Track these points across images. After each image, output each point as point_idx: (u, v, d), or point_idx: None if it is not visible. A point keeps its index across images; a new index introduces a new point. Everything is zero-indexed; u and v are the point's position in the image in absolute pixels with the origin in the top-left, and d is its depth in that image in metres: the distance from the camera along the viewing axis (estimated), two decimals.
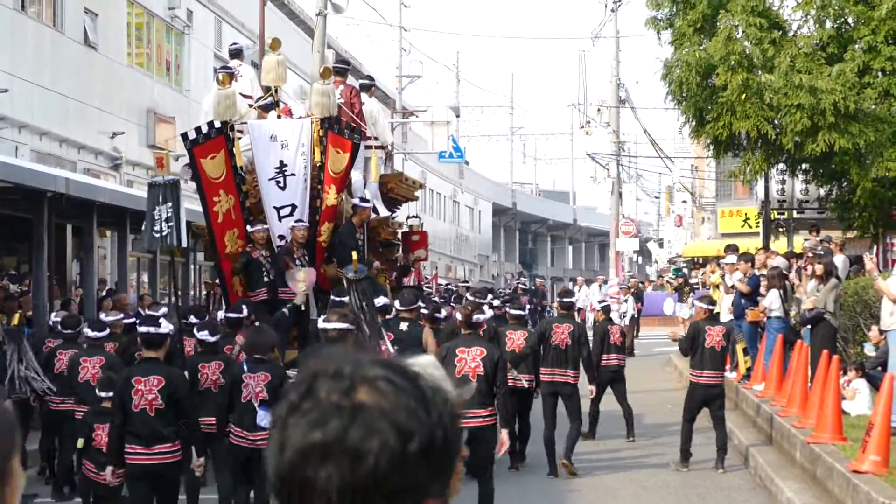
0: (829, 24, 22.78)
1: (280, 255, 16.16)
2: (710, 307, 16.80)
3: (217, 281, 17.44)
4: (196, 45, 37.00)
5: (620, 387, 19.13)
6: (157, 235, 13.70)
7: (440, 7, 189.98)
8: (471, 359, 12.29)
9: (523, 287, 39.87)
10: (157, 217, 13.65)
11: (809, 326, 18.46)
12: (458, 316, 13.93)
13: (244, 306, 14.88)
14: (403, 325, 14.61)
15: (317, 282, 16.02)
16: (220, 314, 16.28)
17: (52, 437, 15.60)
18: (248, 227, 16.31)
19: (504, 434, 12.30)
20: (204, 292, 31.90)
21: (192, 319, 15.09)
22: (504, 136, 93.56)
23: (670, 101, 24.09)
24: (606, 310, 20.43)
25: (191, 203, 18.39)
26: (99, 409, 11.93)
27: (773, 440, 16.54)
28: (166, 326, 11.00)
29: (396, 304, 15.12)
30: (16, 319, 15.39)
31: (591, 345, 17.03)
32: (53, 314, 17.60)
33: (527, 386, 16.26)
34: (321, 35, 35.34)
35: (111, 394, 11.39)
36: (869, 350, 17.97)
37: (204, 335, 13.26)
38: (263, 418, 11.57)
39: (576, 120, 68.55)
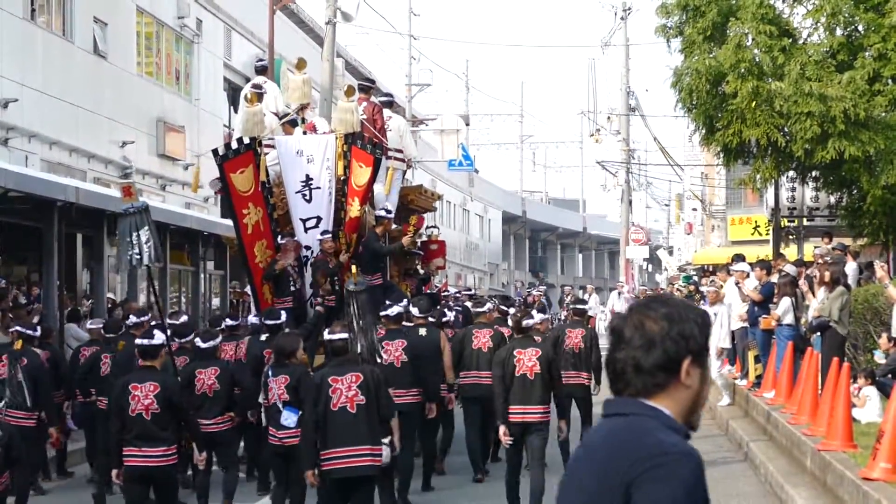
0: (839, 32, 22.74)
1: (316, 267, 17.02)
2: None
3: (246, 289, 18.59)
4: (205, 54, 37.02)
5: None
6: (139, 257, 14.09)
7: (449, 16, 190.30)
8: (528, 359, 12.98)
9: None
10: (134, 242, 14.03)
11: (820, 334, 18.41)
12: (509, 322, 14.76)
13: (283, 313, 15.40)
14: (422, 331, 15.54)
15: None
16: (251, 318, 17.38)
17: (94, 436, 16.05)
18: (279, 239, 17.11)
19: (563, 423, 13.76)
20: (216, 300, 32.02)
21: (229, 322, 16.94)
22: (514, 144, 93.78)
23: (680, 109, 24.07)
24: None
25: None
26: None
27: (783, 448, 16.50)
28: (159, 338, 11.64)
29: (414, 311, 15.87)
30: (18, 345, 15.36)
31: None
32: (90, 322, 18.45)
33: None
34: (331, 44, 35.42)
35: None
36: (879, 357, 17.92)
37: (198, 342, 14.05)
38: (287, 418, 12.30)
39: (586, 128, 68.67)
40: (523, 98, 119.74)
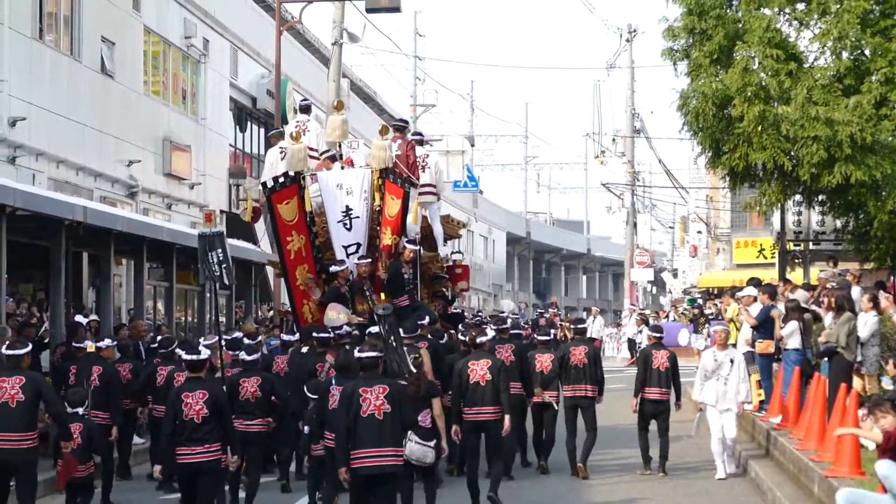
0: (845, 56, 22.73)
1: (353, 288, 18.90)
2: (658, 335, 19.10)
3: (289, 309, 20.49)
4: (212, 73, 37.12)
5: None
6: (215, 276, 16.19)
7: (455, 37, 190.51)
8: (479, 369, 15.30)
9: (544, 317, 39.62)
10: (211, 261, 16.15)
11: (827, 360, 18.37)
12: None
13: (346, 327, 17.48)
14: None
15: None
16: (273, 342, 19.45)
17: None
18: (333, 268, 18.95)
19: (507, 420, 15.21)
20: (223, 318, 32.05)
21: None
22: (518, 165, 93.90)
23: (686, 132, 24.05)
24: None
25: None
26: None
27: (790, 473, 16.46)
28: (205, 353, 13.05)
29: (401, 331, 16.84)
30: (91, 348, 17.50)
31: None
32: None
33: (552, 402, 18.62)
34: (337, 64, 35.61)
35: None
36: (886, 384, 17.88)
37: (243, 355, 15.80)
38: None
39: (590, 149, 68.71)
40: (528, 119, 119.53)
